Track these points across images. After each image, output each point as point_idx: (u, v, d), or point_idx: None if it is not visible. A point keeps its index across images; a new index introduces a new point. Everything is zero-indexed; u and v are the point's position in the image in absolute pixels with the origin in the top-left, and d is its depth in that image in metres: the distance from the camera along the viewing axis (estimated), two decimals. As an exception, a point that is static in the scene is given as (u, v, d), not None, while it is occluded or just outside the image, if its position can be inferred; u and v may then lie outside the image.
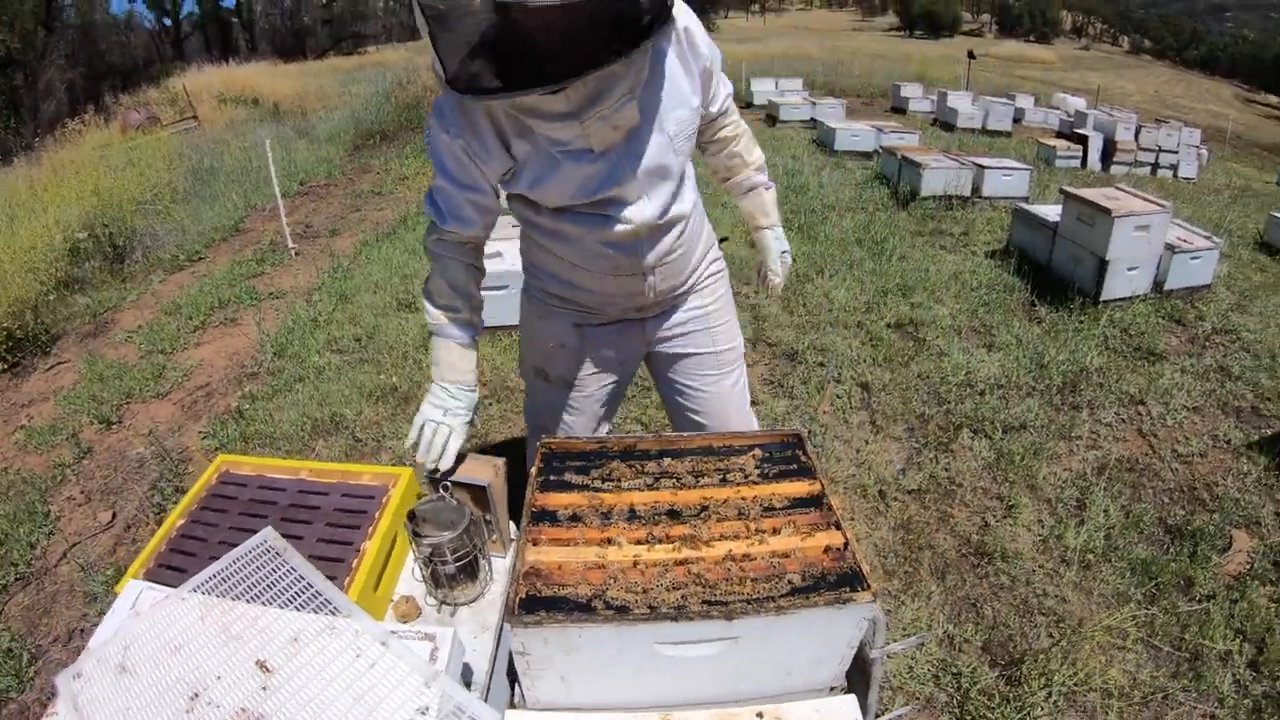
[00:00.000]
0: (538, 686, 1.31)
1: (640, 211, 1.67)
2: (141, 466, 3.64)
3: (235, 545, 1.54)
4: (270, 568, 1.49)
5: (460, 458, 1.72)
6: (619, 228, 1.68)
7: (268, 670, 1.26)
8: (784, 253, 2.17)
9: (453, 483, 1.68)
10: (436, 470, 1.69)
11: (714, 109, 1.89)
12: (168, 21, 43.39)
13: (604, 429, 2.20)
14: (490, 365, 4.22)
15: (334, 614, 1.36)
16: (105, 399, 4.20)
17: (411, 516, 1.61)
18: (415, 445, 1.71)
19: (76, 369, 4.68)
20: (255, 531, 1.56)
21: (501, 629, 1.64)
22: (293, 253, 6.74)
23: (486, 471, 1.72)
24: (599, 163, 1.57)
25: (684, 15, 1.62)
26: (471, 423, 1.77)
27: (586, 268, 1.78)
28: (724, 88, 1.88)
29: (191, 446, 3.75)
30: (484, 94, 1.39)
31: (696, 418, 2.10)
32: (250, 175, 10.05)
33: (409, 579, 1.76)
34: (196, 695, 1.22)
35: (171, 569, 1.67)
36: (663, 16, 1.36)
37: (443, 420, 1.69)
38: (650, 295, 1.85)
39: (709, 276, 2.03)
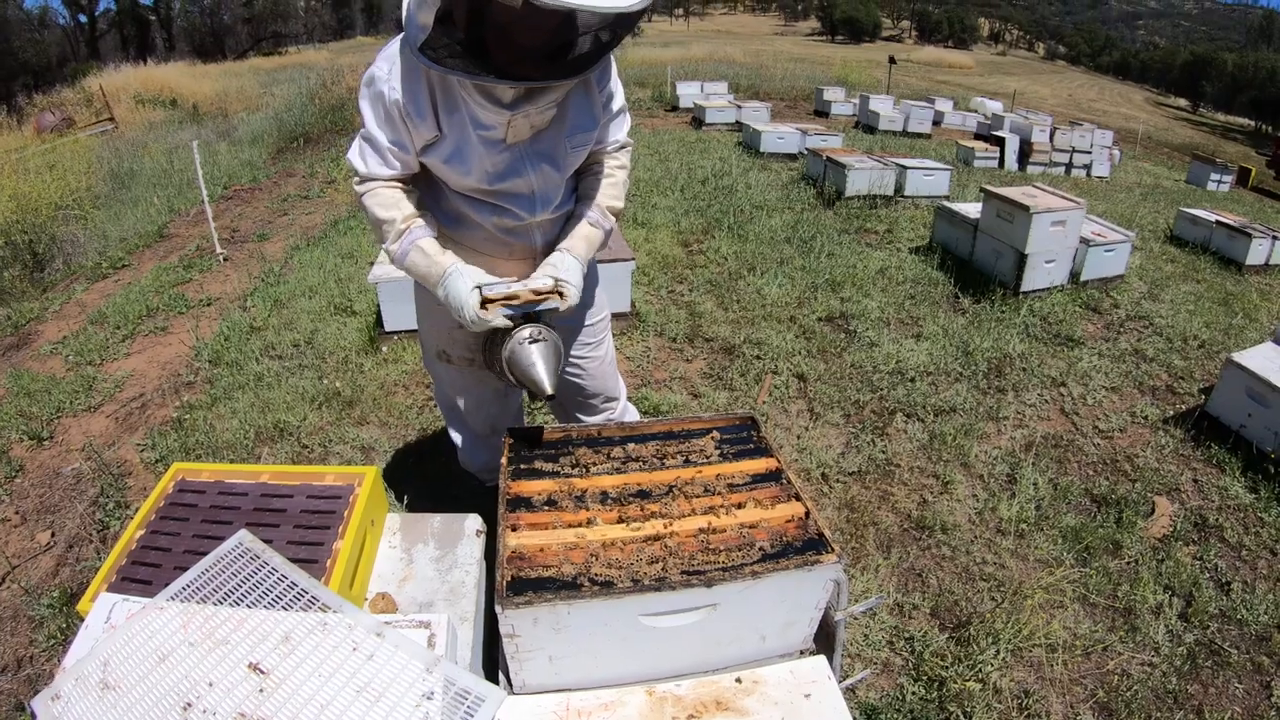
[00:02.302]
0: (526, 670, 1.36)
1: (534, 208, 1.87)
2: (79, 483, 3.51)
3: (202, 553, 1.53)
4: (250, 570, 1.48)
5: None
6: (514, 221, 1.87)
7: (262, 672, 1.26)
8: (555, 279, 1.87)
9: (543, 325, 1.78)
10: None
11: (599, 147, 2.00)
12: (83, 18, 41.49)
13: (509, 405, 2.39)
14: (418, 356, 4.25)
15: (323, 610, 1.37)
16: (34, 414, 4.03)
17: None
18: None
19: (1, 384, 4.48)
20: (220, 538, 1.55)
21: (477, 620, 1.68)
22: (221, 258, 6.55)
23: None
24: (505, 154, 1.74)
25: (614, 69, 1.88)
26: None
27: (484, 252, 1.93)
28: (618, 134, 2.02)
29: (131, 459, 3.63)
30: (458, 70, 1.51)
31: (579, 382, 2.32)
32: (172, 179, 9.70)
33: (382, 576, 1.79)
34: (189, 705, 1.22)
35: (136, 581, 1.64)
36: (611, 47, 1.55)
37: (467, 289, 1.74)
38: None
39: None
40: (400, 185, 1.81)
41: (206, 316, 5.28)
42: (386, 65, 1.65)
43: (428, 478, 3.28)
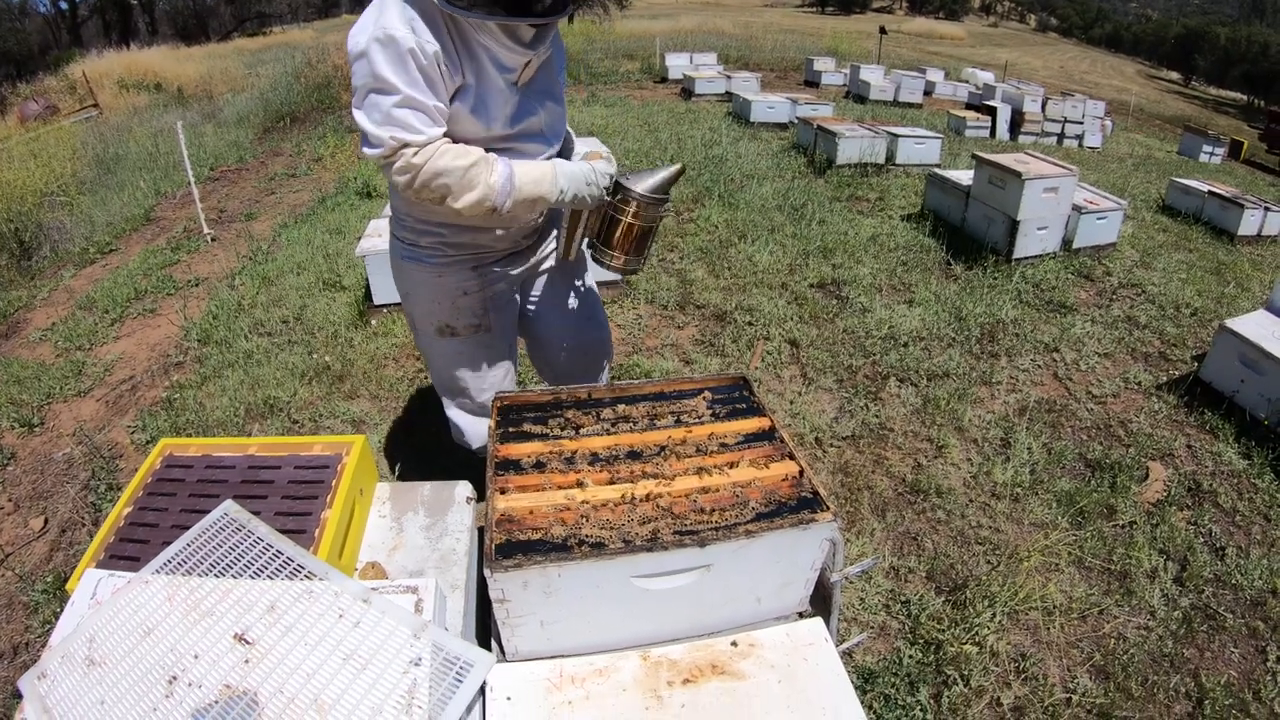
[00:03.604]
0: (518, 636, 1.34)
1: (548, 142, 1.96)
2: (70, 467, 3.48)
3: (190, 527, 1.50)
4: (235, 540, 1.46)
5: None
6: (530, 158, 1.92)
7: (248, 642, 1.24)
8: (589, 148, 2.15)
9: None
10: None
11: None
12: (64, 5, 40.97)
13: (512, 370, 2.39)
14: (408, 329, 4.23)
15: (309, 578, 1.35)
16: (25, 401, 3.99)
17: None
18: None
19: (-10, 373, 4.44)
20: (209, 511, 1.53)
21: (468, 587, 1.66)
22: (209, 239, 6.50)
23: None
24: (518, 95, 1.81)
25: None
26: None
27: None
28: None
29: (122, 442, 3.60)
30: (501, 15, 1.62)
31: (575, 314, 2.37)
32: (158, 162, 9.61)
33: (372, 545, 1.76)
34: (175, 678, 1.20)
35: (125, 559, 1.61)
36: None
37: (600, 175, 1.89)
38: (540, 218, 2.14)
39: None
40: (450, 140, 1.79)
41: (195, 297, 5.25)
42: (404, 25, 1.59)
43: (418, 448, 3.26)
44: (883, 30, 23.98)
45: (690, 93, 13.77)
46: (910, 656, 2.35)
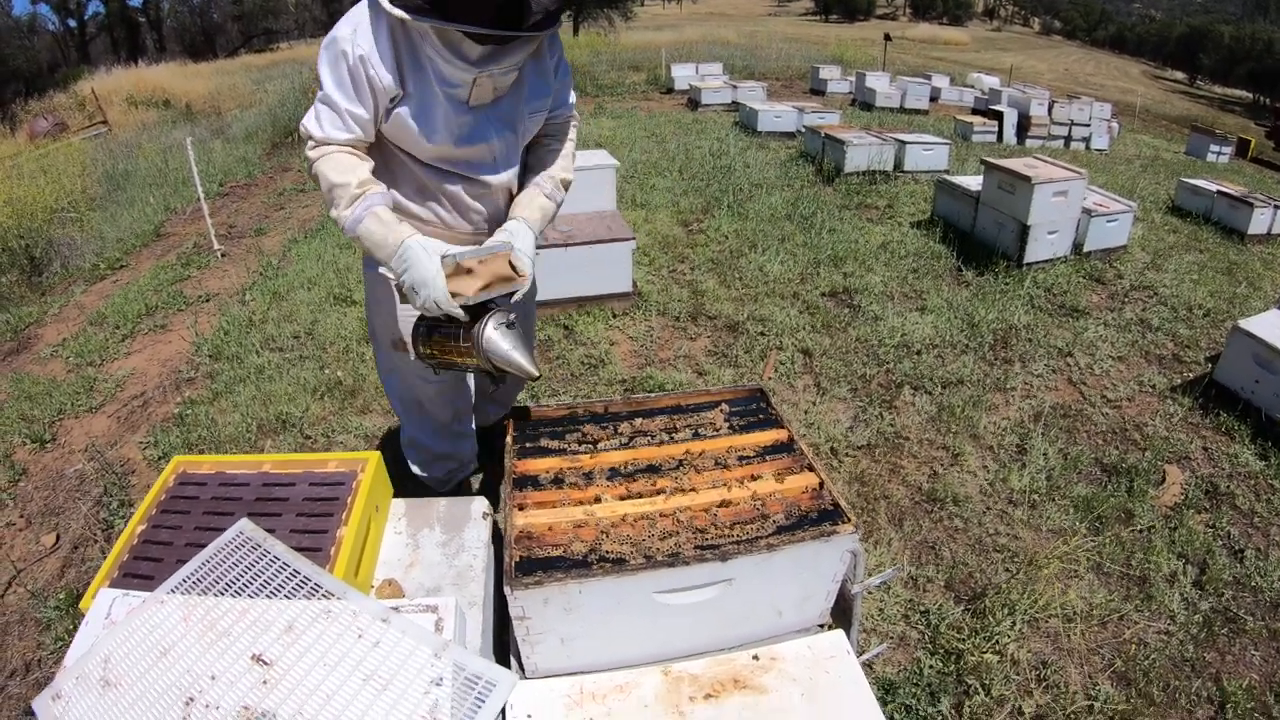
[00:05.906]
0: (538, 653, 1.32)
1: (497, 169, 1.91)
2: (82, 483, 3.48)
3: (204, 545, 1.49)
4: (251, 560, 1.45)
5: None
6: (480, 189, 1.91)
7: (265, 663, 1.23)
8: (507, 244, 1.83)
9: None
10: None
11: (552, 115, 2.05)
12: (72, 23, 41.51)
13: (466, 385, 2.35)
14: None
15: (327, 598, 1.34)
16: (36, 417, 4.00)
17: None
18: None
19: (2, 388, 4.45)
20: (222, 530, 1.52)
21: (486, 604, 1.65)
22: (219, 254, 6.51)
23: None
24: (469, 116, 1.77)
25: (560, 43, 1.94)
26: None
27: (458, 228, 1.97)
28: (566, 95, 2.05)
29: (134, 458, 3.61)
30: (429, 17, 1.53)
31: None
32: (167, 178, 9.66)
33: (388, 562, 1.75)
34: (191, 700, 1.19)
35: (139, 577, 1.60)
36: (568, 7, 1.60)
37: (435, 267, 1.64)
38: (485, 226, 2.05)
39: None
40: (356, 152, 1.76)
41: (206, 312, 5.25)
42: (349, 27, 1.64)
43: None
44: (887, 37, 24.04)
45: (697, 103, 13.80)
46: (931, 666, 2.33)
